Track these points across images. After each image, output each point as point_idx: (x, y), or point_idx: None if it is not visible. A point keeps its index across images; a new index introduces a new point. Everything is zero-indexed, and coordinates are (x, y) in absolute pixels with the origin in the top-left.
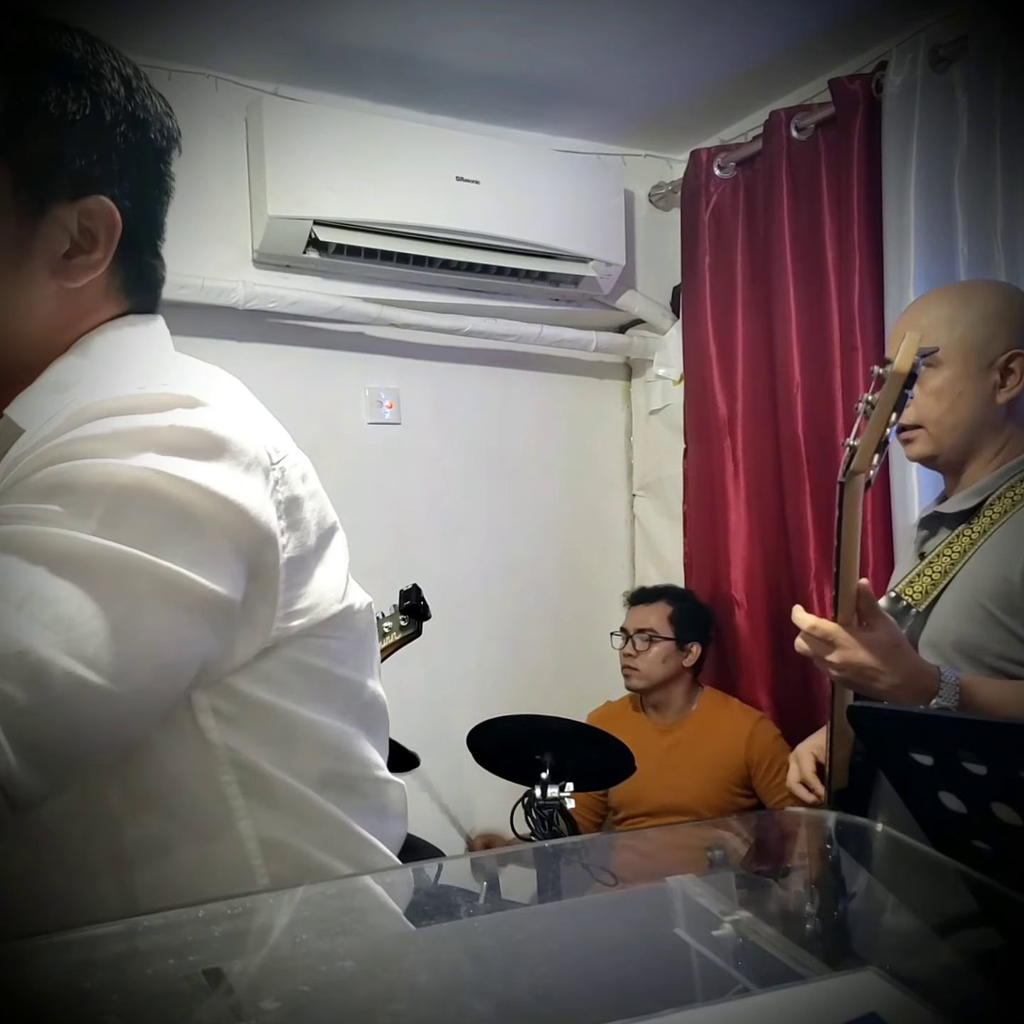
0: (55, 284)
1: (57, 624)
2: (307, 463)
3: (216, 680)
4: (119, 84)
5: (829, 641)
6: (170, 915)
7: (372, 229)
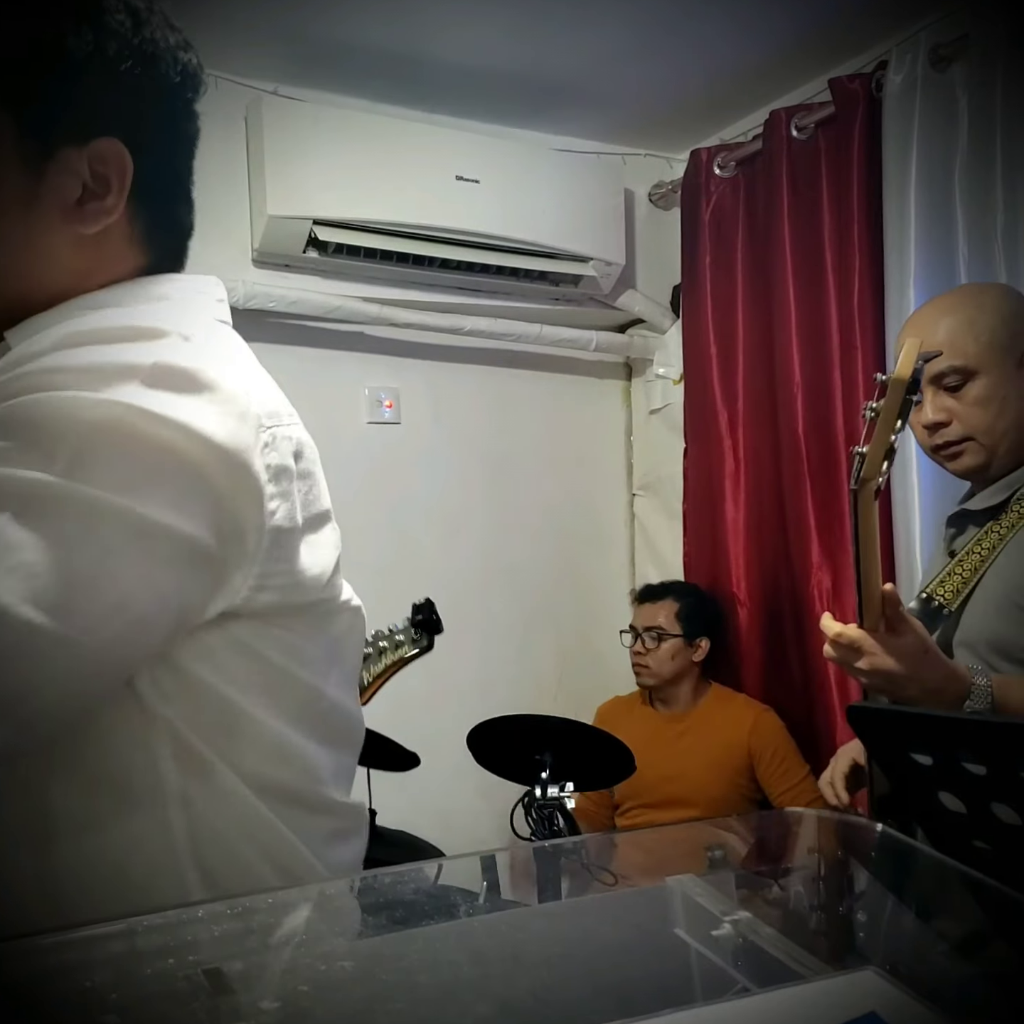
0: (70, 231)
1: (19, 571)
2: (306, 442)
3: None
4: (125, 16)
5: (856, 648)
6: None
7: (372, 228)
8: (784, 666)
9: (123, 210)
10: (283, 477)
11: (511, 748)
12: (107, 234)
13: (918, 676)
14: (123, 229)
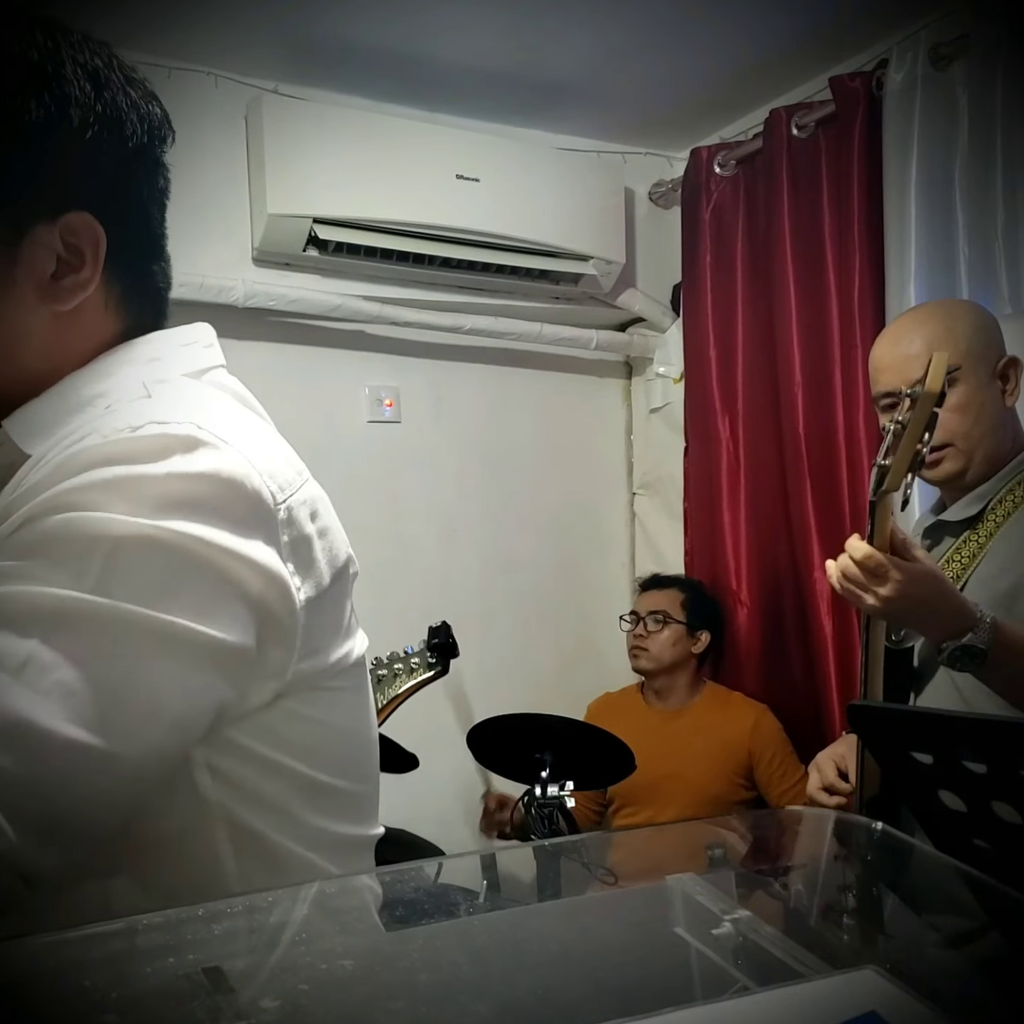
0: (47, 308)
1: (56, 691)
2: (318, 496)
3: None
4: (84, 82)
5: (882, 572)
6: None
7: (372, 227)
8: (785, 665)
9: (99, 279)
10: (303, 548)
11: (511, 747)
12: (83, 306)
13: (933, 601)
14: (98, 297)
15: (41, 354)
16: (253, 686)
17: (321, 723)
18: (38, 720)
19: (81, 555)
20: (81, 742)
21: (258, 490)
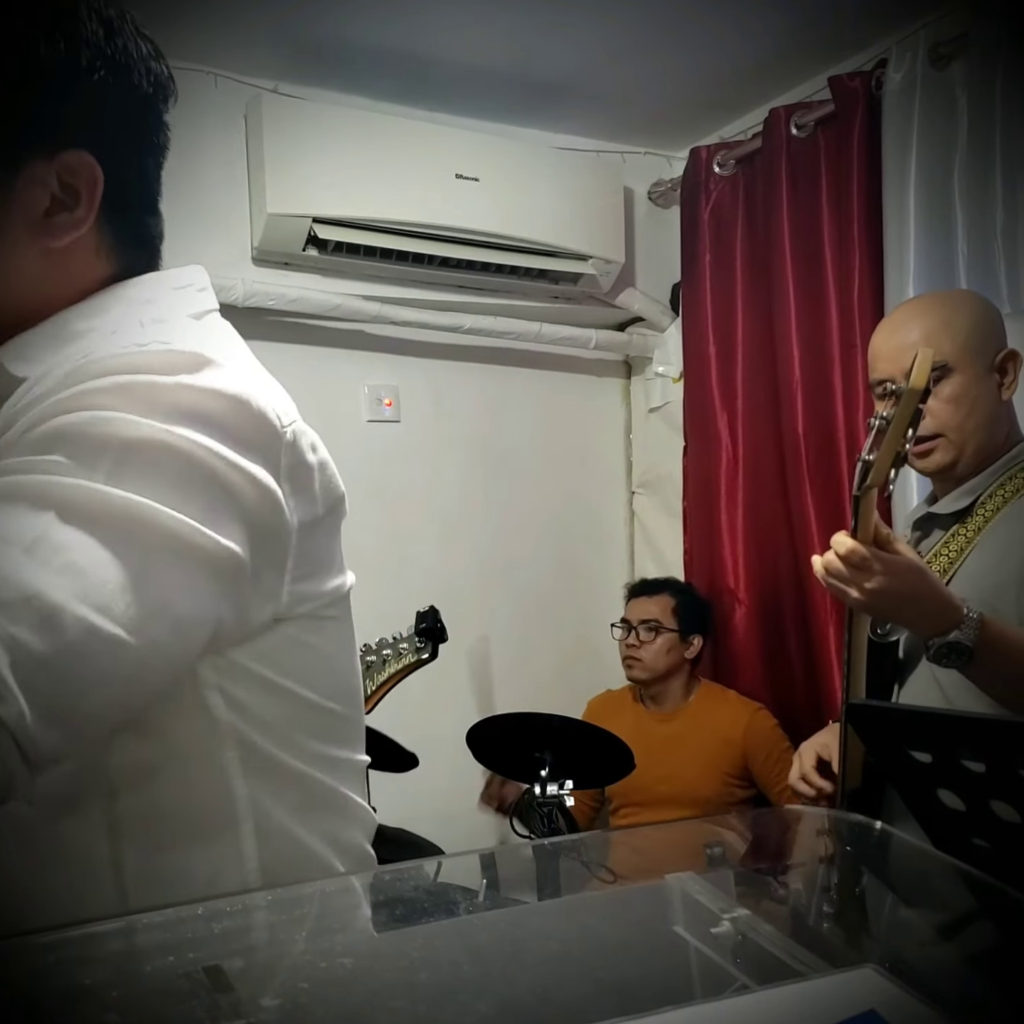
0: (38, 244)
1: (68, 571)
2: (314, 433)
3: (223, 656)
4: (97, 26)
5: (866, 566)
6: (170, 912)
7: (371, 227)
8: (783, 663)
9: (93, 222)
10: (303, 473)
11: (510, 746)
12: (75, 246)
13: (917, 595)
14: (91, 241)
15: (30, 290)
16: (251, 605)
17: (318, 650)
18: (51, 595)
19: (94, 452)
20: (91, 622)
21: (264, 411)
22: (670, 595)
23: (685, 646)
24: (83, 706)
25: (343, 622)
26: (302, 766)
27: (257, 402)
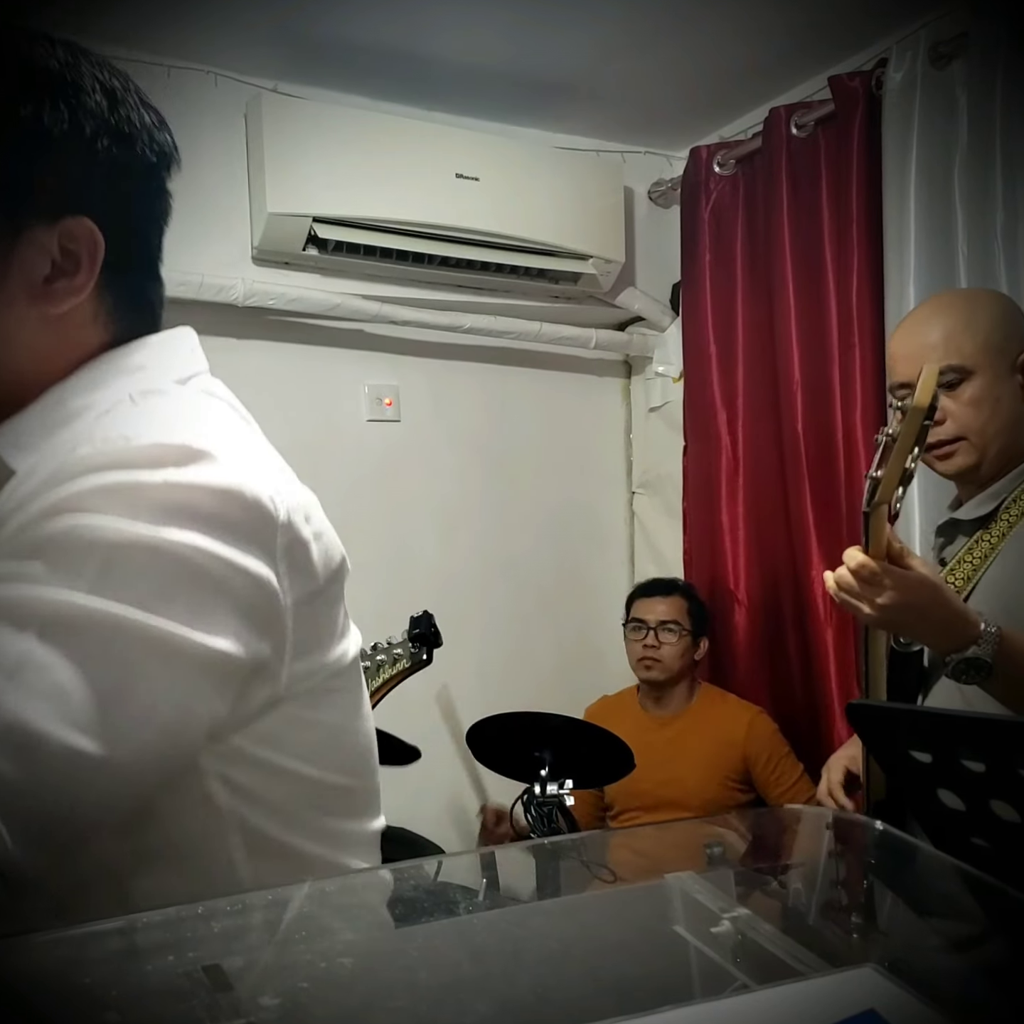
0: (37, 311)
1: (51, 693)
2: (309, 501)
3: (223, 742)
4: (101, 96)
5: (877, 581)
6: (169, 912)
7: (371, 226)
8: (783, 664)
9: (92, 288)
10: (298, 551)
11: (510, 745)
12: (73, 313)
13: (930, 611)
14: (89, 307)
15: (27, 357)
16: (248, 692)
17: (322, 724)
18: (33, 722)
19: (78, 559)
20: (75, 745)
21: (257, 497)
22: (682, 596)
23: (694, 648)
24: (69, 826)
25: (350, 692)
26: (308, 845)
27: (250, 490)
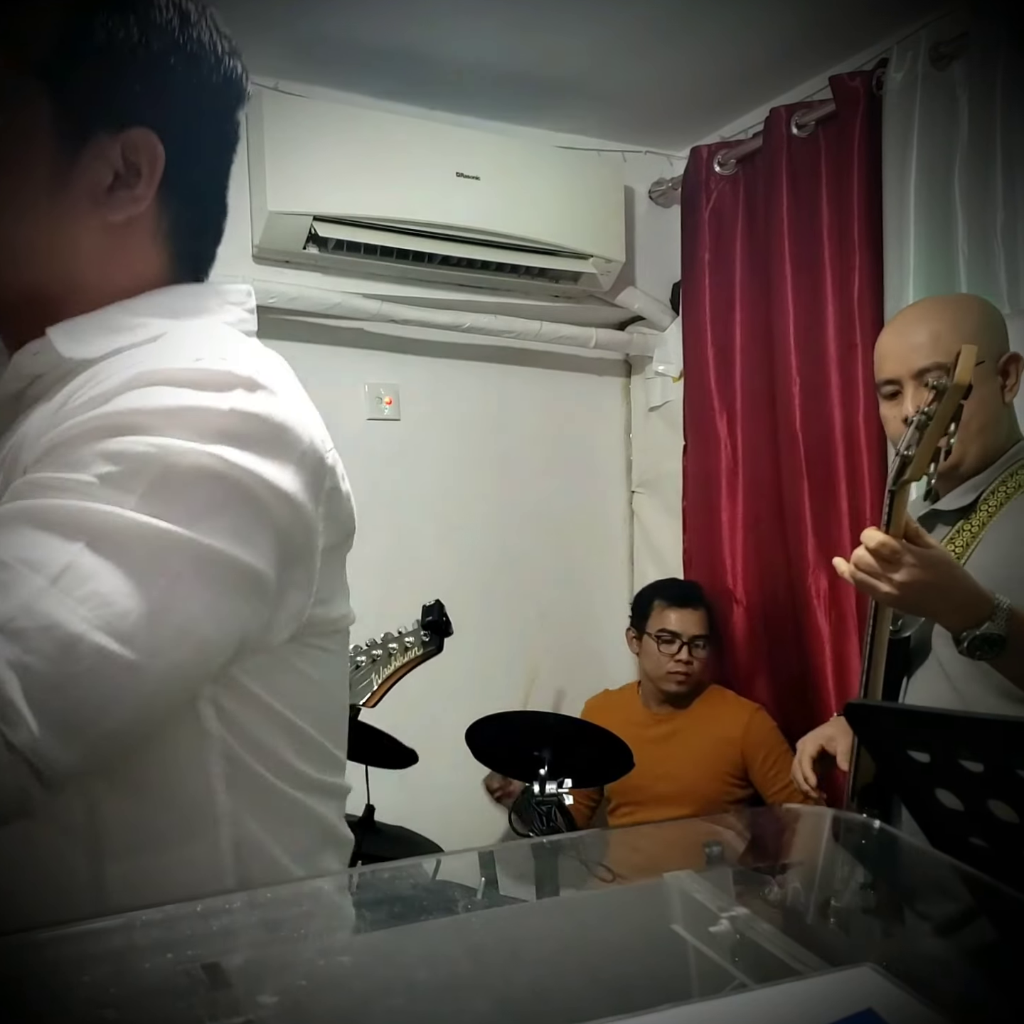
0: (97, 218)
1: (92, 600)
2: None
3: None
4: (173, 15)
5: (896, 559)
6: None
7: (372, 225)
8: (781, 662)
9: (151, 204)
10: (336, 499)
11: (509, 745)
12: (132, 225)
13: (948, 588)
14: (149, 223)
15: (86, 262)
16: (275, 623)
17: (311, 679)
18: (70, 624)
19: (131, 475)
20: (109, 650)
21: (312, 436)
22: (704, 606)
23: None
24: (99, 727)
25: (339, 657)
26: (284, 785)
27: (305, 428)
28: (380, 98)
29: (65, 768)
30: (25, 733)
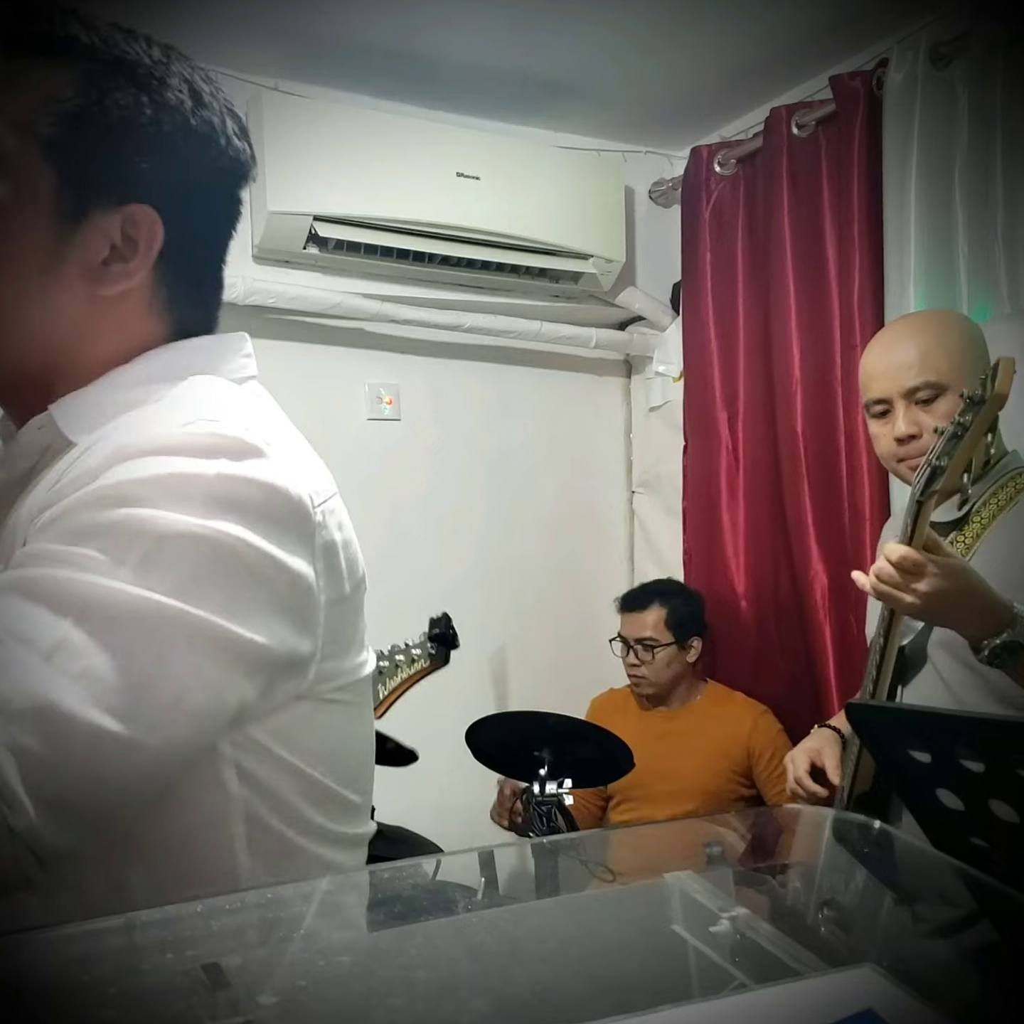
0: (86, 290)
1: (84, 677)
2: (343, 508)
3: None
4: (186, 96)
5: (919, 571)
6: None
7: (372, 225)
8: (783, 663)
9: (148, 278)
10: (331, 553)
11: (509, 745)
12: (125, 299)
13: (968, 595)
14: (143, 296)
15: (74, 335)
16: (276, 684)
17: (332, 730)
18: (64, 704)
19: (124, 548)
20: (104, 728)
21: (300, 495)
22: (660, 605)
23: (684, 652)
24: (96, 806)
25: (360, 708)
26: (305, 841)
27: (295, 488)
28: (380, 98)
29: (62, 849)
30: (25, 818)
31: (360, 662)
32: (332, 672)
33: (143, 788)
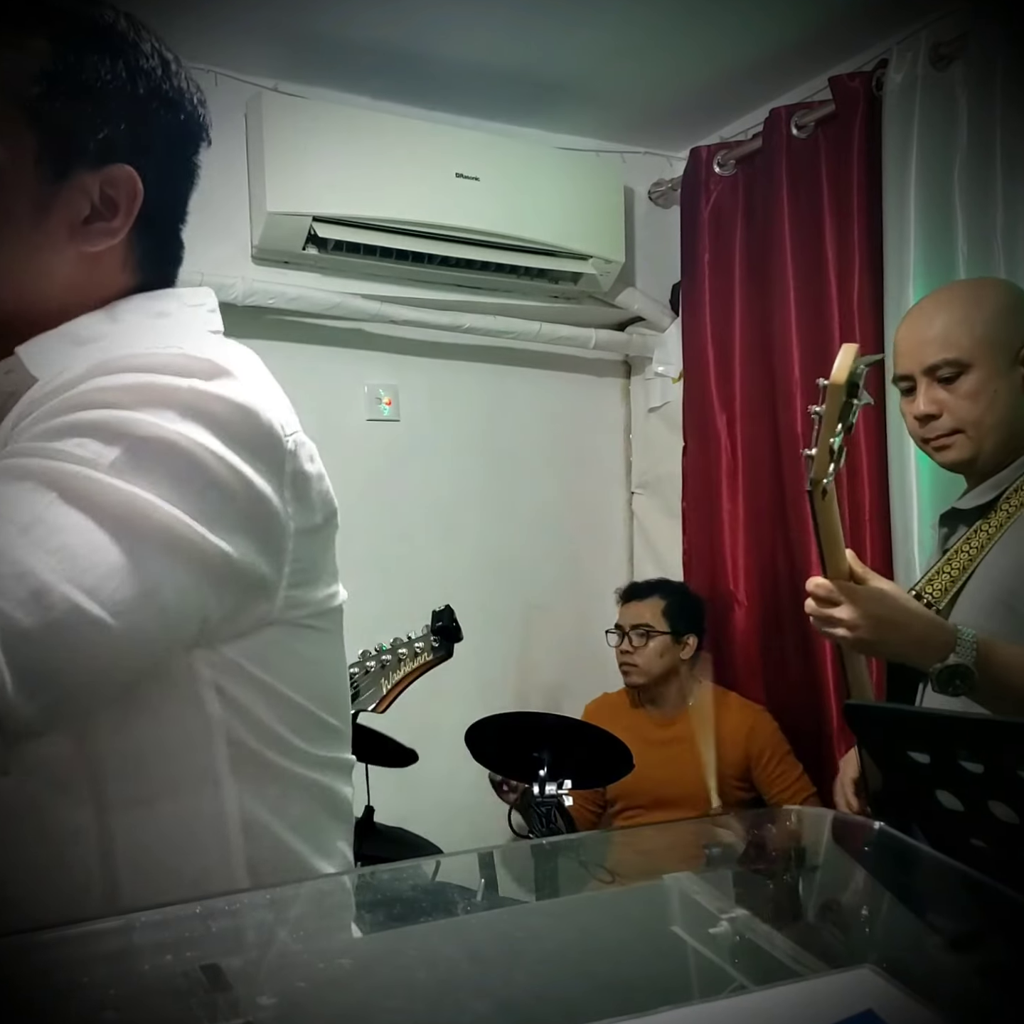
0: (74, 248)
1: (61, 552)
2: (313, 445)
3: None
4: (157, 63)
5: (833, 598)
6: (168, 911)
7: (371, 225)
8: (782, 664)
9: (125, 236)
10: (301, 483)
11: (509, 746)
12: (105, 255)
13: (902, 622)
14: (121, 252)
15: (60, 291)
16: (243, 603)
17: (309, 658)
18: (40, 573)
19: (108, 442)
20: (77, 602)
21: (270, 421)
22: (660, 597)
23: (679, 647)
24: (62, 681)
25: (333, 635)
26: (287, 762)
27: (265, 412)
28: (380, 99)
29: (25, 720)
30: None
31: (331, 593)
32: (302, 600)
33: (107, 674)
